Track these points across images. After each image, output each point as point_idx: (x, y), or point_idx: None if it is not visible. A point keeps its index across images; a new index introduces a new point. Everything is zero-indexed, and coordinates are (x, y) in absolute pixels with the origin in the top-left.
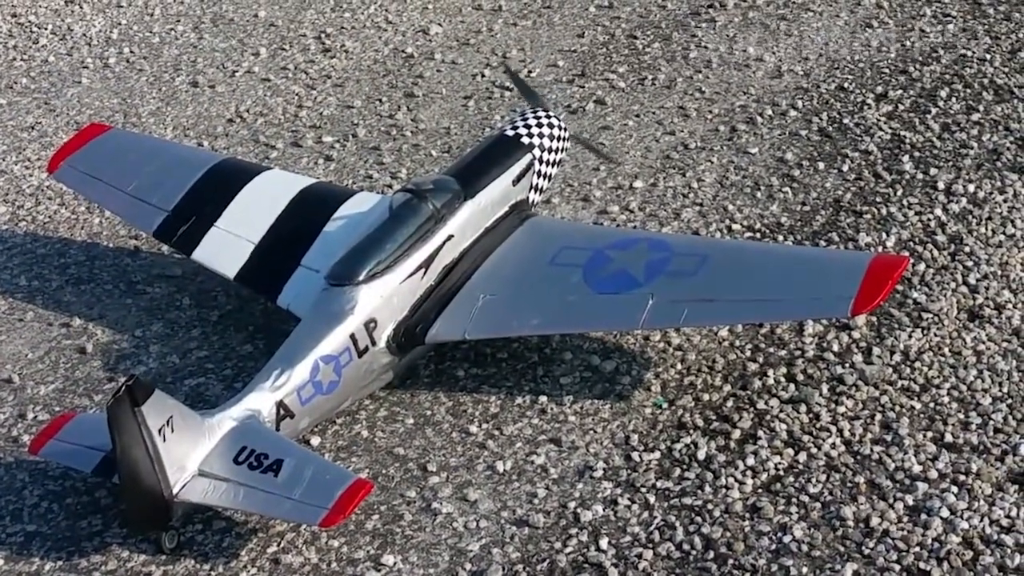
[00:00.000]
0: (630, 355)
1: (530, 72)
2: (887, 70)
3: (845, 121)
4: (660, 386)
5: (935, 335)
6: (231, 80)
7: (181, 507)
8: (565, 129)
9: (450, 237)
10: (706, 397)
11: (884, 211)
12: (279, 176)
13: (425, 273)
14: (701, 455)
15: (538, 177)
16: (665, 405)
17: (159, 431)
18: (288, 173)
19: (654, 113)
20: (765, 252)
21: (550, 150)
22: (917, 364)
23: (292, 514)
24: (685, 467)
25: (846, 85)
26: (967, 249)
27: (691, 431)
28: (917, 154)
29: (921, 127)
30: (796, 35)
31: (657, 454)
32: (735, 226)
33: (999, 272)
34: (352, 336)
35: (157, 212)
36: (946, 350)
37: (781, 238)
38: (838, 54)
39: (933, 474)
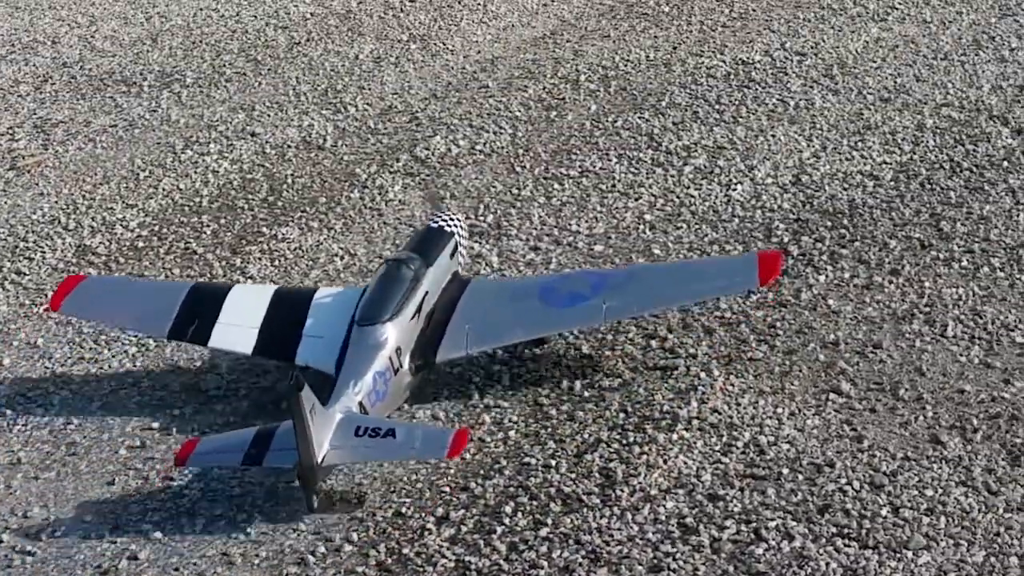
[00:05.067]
0: None
1: (55, 533)
2: (447, 488)
3: (405, 551)
4: None
5: None
6: None
7: (324, 472)
8: (461, 222)
9: (427, 292)
10: None
11: None
12: (251, 286)
13: (419, 318)
14: None
15: (459, 256)
16: None
17: (310, 411)
18: (256, 284)
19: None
20: (676, 262)
21: (459, 235)
22: None
23: (420, 454)
24: None
25: (403, 510)
26: None
27: None
28: None
29: (487, 549)
30: None
31: None
32: None
33: None
34: (390, 358)
35: (163, 319)
36: None
37: None
38: (394, 473)
39: None
